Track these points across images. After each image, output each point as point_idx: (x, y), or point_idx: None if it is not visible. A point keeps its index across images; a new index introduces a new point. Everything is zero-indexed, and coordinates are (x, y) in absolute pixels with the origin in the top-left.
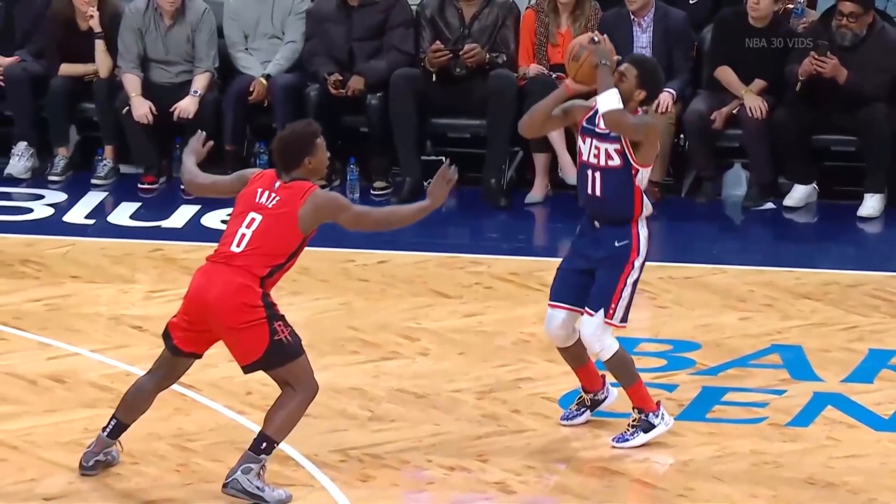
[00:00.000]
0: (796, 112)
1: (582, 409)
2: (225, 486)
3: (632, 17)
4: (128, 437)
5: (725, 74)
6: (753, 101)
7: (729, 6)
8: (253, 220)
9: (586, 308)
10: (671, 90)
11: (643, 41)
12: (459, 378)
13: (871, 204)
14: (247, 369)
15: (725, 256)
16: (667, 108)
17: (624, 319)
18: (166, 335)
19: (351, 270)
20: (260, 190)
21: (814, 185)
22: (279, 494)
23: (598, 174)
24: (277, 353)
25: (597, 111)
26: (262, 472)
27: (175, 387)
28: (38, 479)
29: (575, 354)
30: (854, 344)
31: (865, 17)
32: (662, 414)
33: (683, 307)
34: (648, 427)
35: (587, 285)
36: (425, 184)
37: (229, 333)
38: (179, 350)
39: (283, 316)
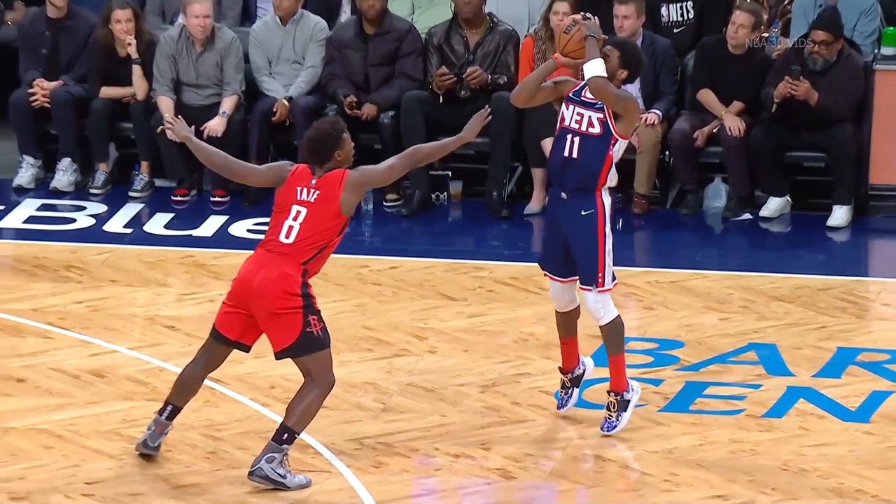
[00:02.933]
0: (771, 131)
1: (569, 391)
2: (251, 473)
3: None
4: None
5: (707, 97)
6: (732, 121)
7: (710, 35)
8: (299, 213)
9: (580, 285)
10: (657, 111)
11: None
12: (464, 373)
13: (840, 215)
14: (278, 355)
15: (707, 262)
16: (654, 123)
17: (613, 279)
18: (214, 324)
19: (365, 275)
20: (299, 188)
21: (787, 197)
22: (300, 480)
23: (577, 139)
24: (306, 343)
25: (584, 85)
26: (284, 460)
27: (205, 381)
28: (81, 465)
29: (570, 323)
30: (824, 342)
31: (835, 44)
32: (631, 386)
33: (668, 309)
34: (625, 405)
35: (568, 254)
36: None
37: (267, 318)
38: (220, 334)
39: (319, 311)
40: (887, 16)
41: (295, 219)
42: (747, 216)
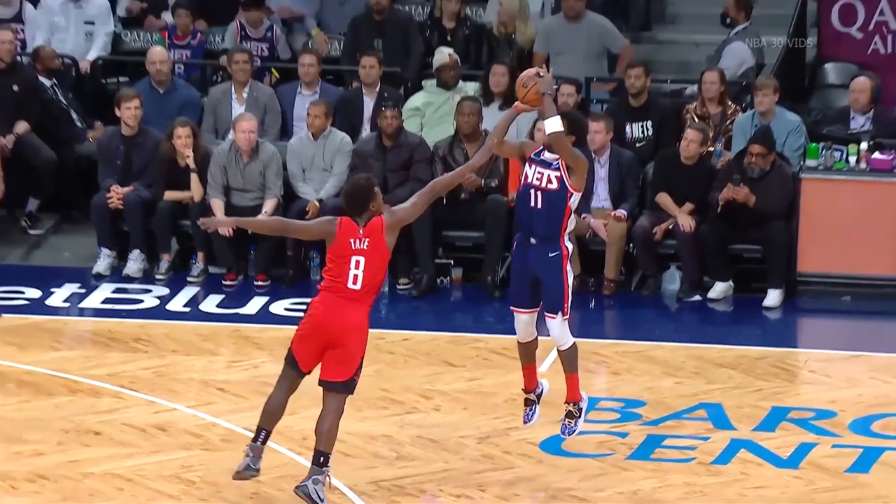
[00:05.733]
0: (717, 227)
1: (533, 407)
2: (297, 487)
3: (593, 154)
4: (211, 471)
5: (664, 199)
6: (685, 219)
7: (666, 148)
8: (358, 262)
9: (546, 313)
10: (624, 210)
11: (602, 174)
12: (464, 427)
13: (773, 297)
14: (322, 383)
15: (664, 336)
16: (622, 218)
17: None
18: (289, 353)
19: (381, 345)
20: (352, 239)
21: (730, 282)
22: None
23: (539, 193)
24: (348, 386)
25: (543, 148)
26: (326, 484)
27: (248, 433)
28: None
29: (531, 351)
30: (761, 402)
31: (769, 156)
32: (583, 396)
33: (632, 374)
34: (580, 412)
35: (536, 288)
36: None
37: (338, 351)
38: (296, 362)
39: (362, 365)
40: (811, 134)
41: (357, 267)
42: (697, 297)
